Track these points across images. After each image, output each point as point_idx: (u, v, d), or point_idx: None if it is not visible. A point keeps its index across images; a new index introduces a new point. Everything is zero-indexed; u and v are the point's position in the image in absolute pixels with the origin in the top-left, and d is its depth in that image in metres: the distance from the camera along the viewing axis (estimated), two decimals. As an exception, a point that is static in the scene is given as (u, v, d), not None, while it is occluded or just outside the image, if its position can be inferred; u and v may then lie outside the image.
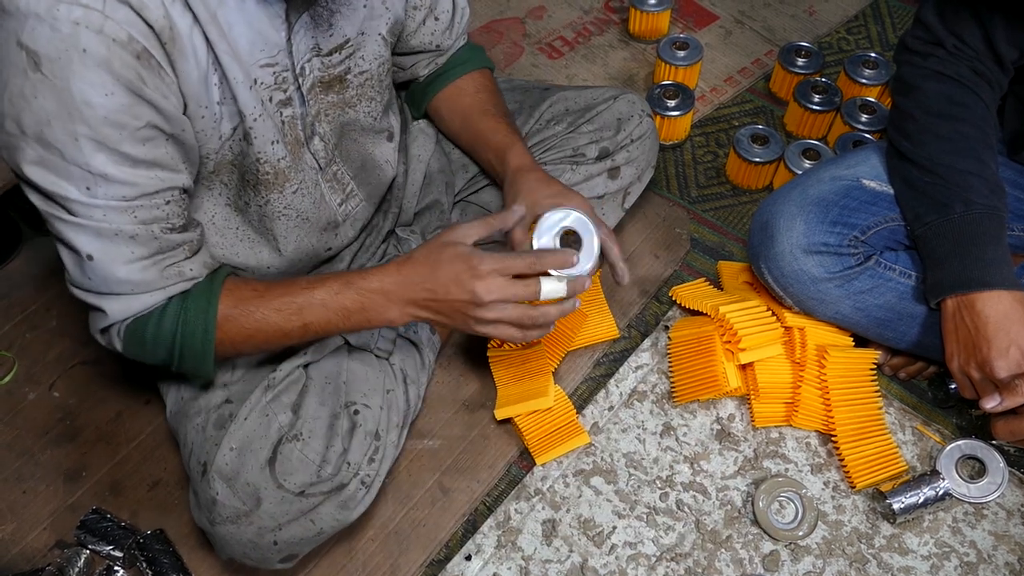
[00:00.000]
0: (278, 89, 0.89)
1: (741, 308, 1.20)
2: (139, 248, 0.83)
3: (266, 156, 0.92)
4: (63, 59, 0.72)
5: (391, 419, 1.05)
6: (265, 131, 0.90)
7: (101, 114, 0.75)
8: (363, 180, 1.09)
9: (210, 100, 0.84)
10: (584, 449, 1.19)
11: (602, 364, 1.30)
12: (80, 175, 0.77)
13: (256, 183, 0.94)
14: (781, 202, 1.14)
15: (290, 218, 1.01)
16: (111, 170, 0.77)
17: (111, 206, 0.79)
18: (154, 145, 0.80)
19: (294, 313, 0.92)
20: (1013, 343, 0.99)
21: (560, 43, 1.77)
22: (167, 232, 0.85)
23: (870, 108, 1.50)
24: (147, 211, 0.82)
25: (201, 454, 0.99)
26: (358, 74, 0.99)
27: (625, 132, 1.22)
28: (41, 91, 0.73)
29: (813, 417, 1.18)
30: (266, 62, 0.86)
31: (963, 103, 1.07)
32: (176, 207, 0.85)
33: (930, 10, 1.10)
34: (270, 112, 0.90)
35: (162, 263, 0.86)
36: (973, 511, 1.12)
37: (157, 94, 0.78)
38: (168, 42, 0.77)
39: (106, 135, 0.76)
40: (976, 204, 1.03)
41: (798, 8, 1.82)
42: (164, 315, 0.88)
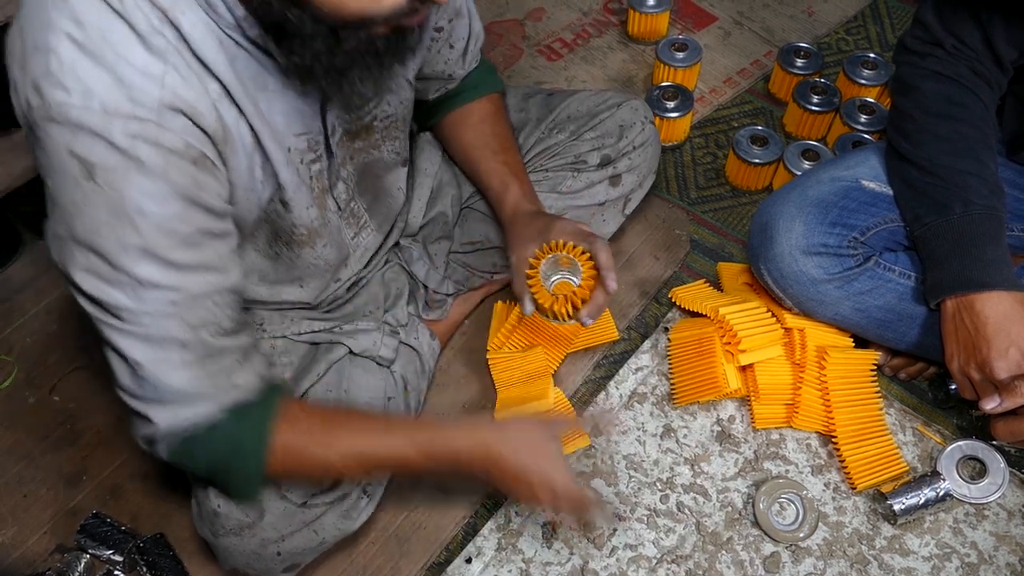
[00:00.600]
0: (310, 151, 0.89)
1: (741, 309, 1.20)
2: (188, 354, 0.79)
3: (301, 220, 0.92)
4: (119, 169, 0.70)
5: None
6: (301, 198, 0.90)
7: (154, 223, 0.73)
8: (376, 210, 1.09)
9: (254, 182, 0.84)
10: (584, 451, 1.19)
11: (602, 366, 1.30)
12: (128, 283, 0.74)
13: (289, 241, 0.94)
14: (780, 203, 1.14)
15: (319, 267, 1.01)
16: (159, 277, 0.75)
17: (160, 312, 0.76)
18: (202, 249, 0.78)
19: (354, 460, 0.90)
20: (1013, 344, 0.99)
21: (559, 45, 1.77)
22: (217, 336, 0.81)
23: (869, 109, 1.50)
24: (196, 315, 0.78)
25: None
26: (383, 119, 0.99)
27: (627, 139, 1.22)
28: (94, 200, 0.71)
29: (813, 418, 1.18)
30: (300, 132, 0.86)
31: (962, 103, 1.07)
32: (227, 310, 0.82)
33: (929, 10, 1.10)
34: (303, 176, 0.89)
35: (212, 370, 0.81)
36: (974, 512, 1.12)
37: (210, 195, 0.77)
38: (221, 142, 0.77)
39: (157, 243, 0.74)
40: (975, 204, 1.02)
41: (797, 9, 1.82)
42: (216, 431, 0.83)
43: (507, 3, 1.85)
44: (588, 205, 1.23)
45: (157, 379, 0.79)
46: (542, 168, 1.21)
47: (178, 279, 0.76)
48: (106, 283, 0.75)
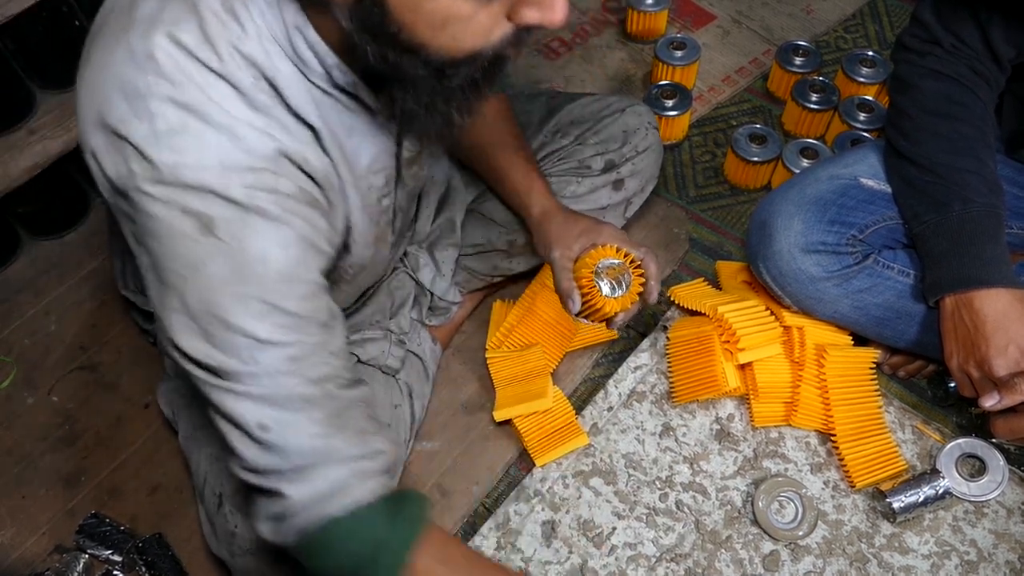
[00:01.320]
0: (385, 186, 0.90)
1: (739, 308, 1.20)
2: (316, 411, 0.73)
3: (356, 260, 0.92)
4: (240, 220, 0.69)
5: (399, 435, 1.05)
6: (365, 239, 0.90)
7: (275, 268, 0.71)
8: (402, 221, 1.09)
9: (338, 229, 0.84)
10: (583, 450, 1.19)
11: (601, 365, 1.30)
12: (245, 344, 0.71)
13: (337, 280, 0.93)
14: (779, 201, 1.13)
15: (349, 294, 1.02)
16: (278, 334, 0.71)
17: (279, 370, 0.72)
18: (316, 300, 0.75)
19: None
20: (1012, 341, 0.99)
21: (558, 44, 1.77)
22: (341, 388, 0.76)
23: (868, 107, 1.50)
24: (316, 370, 0.74)
25: (216, 485, 0.98)
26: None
27: (631, 144, 1.22)
28: (213, 254, 0.69)
29: (812, 417, 1.18)
30: (379, 169, 0.87)
31: (961, 102, 1.07)
32: (342, 360, 0.78)
33: (927, 9, 1.10)
34: (373, 216, 0.89)
35: (344, 427, 0.75)
36: (973, 510, 1.12)
37: (323, 239, 0.77)
38: (327, 187, 0.78)
39: (276, 292, 0.71)
40: (974, 202, 1.02)
41: (796, 7, 1.82)
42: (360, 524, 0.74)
43: (505, 2, 1.85)
44: (590, 209, 1.22)
45: (286, 441, 0.72)
46: (547, 173, 1.21)
47: (296, 334, 0.72)
48: (220, 348, 0.71)
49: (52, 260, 1.42)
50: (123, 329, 1.32)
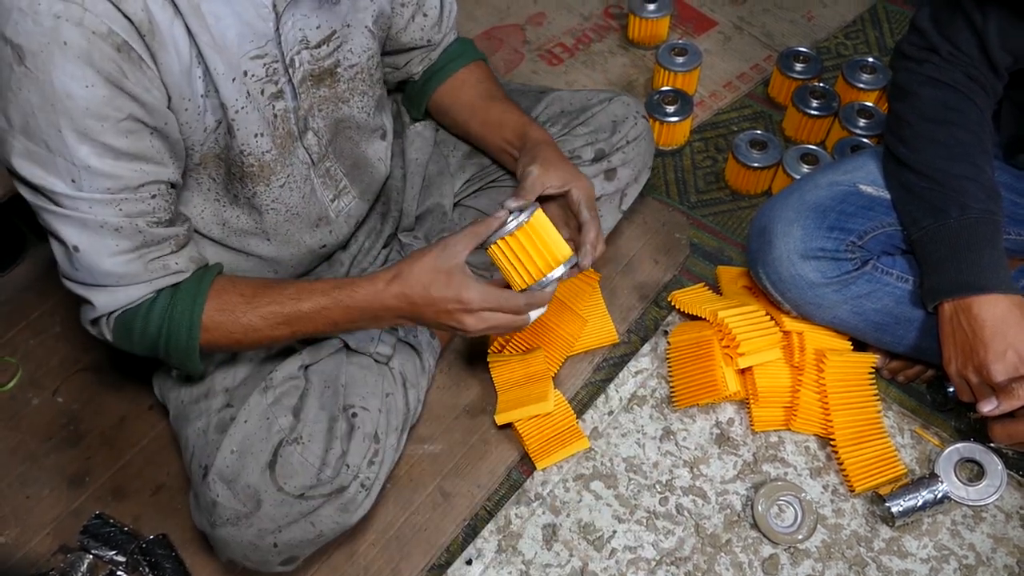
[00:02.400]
0: (269, 81, 0.90)
1: (739, 313, 1.21)
2: (124, 241, 0.84)
3: (250, 148, 0.93)
4: (45, 52, 0.74)
5: (390, 422, 1.06)
6: (248, 124, 0.91)
7: (82, 105, 0.76)
8: (356, 178, 1.11)
9: (193, 93, 0.85)
10: (584, 454, 1.20)
11: (602, 369, 1.31)
12: (65, 167, 0.79)
13: (242, 175, 0.96)
14: (779, 208, 1.14)
15: (279, 212, 1.02)
16: (94, 162, 0.79)
17: (96, 199, 0.81)
18: (137, 138, 0.81)
19: (281, 323, 0.94)
20: (1010, 347, 0.99)
21: (560, 49, 1.78)
22: (153, 226, 0.86)
23: (868, 113, 1.50)
24: (132, 204, 0.83)
25: (202, 457, 1.00)
26: (348, 67, 1.00)
27: (620, 134, 1.23)
28: (25, 84, 0.75)
29: (812, 421, 1.19)
30: (256, 53, 0.87)
31: (958, 109, 1.08)
32: (162, 201, 0.86)
33: (925, 17, 1.11)
34: (259, 105, 0.91)
35: (147, 256, 0.87)
36: (972, 514, 1.13)
37: (138, 87, 0.79)
38: (147, 35, 0.78)
39: (88, 127, 0.77)
40: (972, 209, 1.03)
41: (797, 13, 1.83)
42: (151, 310, 0.89)
43: (508, 8, 1.86)
44: None
45: (93, 264, 0.84)
46: None
47: (114, 166, 0.80)
48: (44, 168, 0.79)
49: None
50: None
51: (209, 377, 1.05)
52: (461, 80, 1.17)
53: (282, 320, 0.93)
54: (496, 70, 1.74)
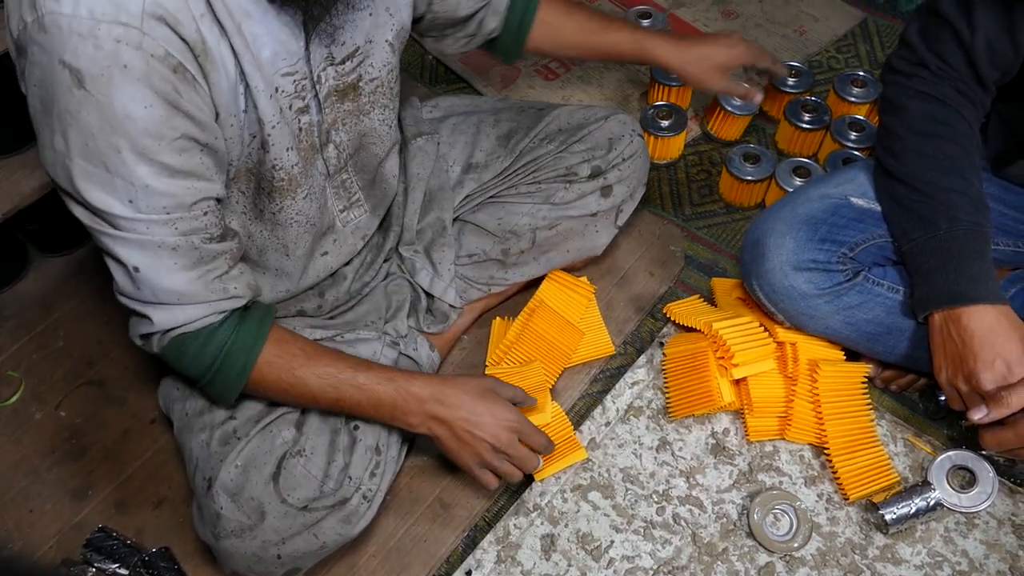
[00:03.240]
0: (297, 97, 0.93)
1: (734, 324, 1.22)
2: (181, 259, 0.87)
3: (281, 163, 0.95)
4: (105, 75, 0.76)
5: (392, 435, 1.07)
6: (281, 138, 0.93)
7: (142, 126, 0.78)
8: (371, 193, 1.13)
9: (237, 109, 0.88)
10: (582, 465, 1.21)
11: (599, 381, 1.32)
12: (123, 187, 0.81)
13: (271, 190, 0.98)
14: (771, 220, 1.16)
15: (300, 224, 1.04)
16: (152, 181, 0.81)
17: (153, 219, 0.83)
18: (190, 156, 0.84)
19: (331, 386, 0.97)
20: (998, 356, 1.01)
21: (556, 65, 1.80)
22: (207, 242, 0.88)
23: (859, 126, 1.53)
24: (187, 222, 0.86)
25: (206, 469, 1.01)
26: (369, 81, 1.02)
27: (616, 151, 1.25)
28: (85, 106, 0.77)
29: (806, 430, 1.20)
30: (287, 71, 0.90)
31: (947, 122, 1.10)
32: (213, 217, 0.89)
33: (914, 32, 1.13)
34: (288, 119, 0.93)
35: (207, 275, 0.89)
36: (965, 521, 1.14)
37: (192, 106, 0.81)
38: (201, 55, 0.81)
39: (146, 146, 0.79)
40: (961, 220, 1.05)
41: (789, 28, 1.86)
42: (211, 339, 0.92)
43: (504, 24, 1.88)
44: (581, 215, 1.26)
45: (155, 282, 0.87)
46: (535, 180, 1.24)
47: (169, 184, 0.82)
48: (103, 190, 0.81)
49: (60, 276, 1.44)
50: (129, 345, 1.32)
51: None
52: (548, 25, 1.23)
53: (333, 384, 0.97)
54: (493, 84, 1.76)
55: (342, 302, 1.18)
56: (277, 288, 1.11)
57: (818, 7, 1.90)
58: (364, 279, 1.20)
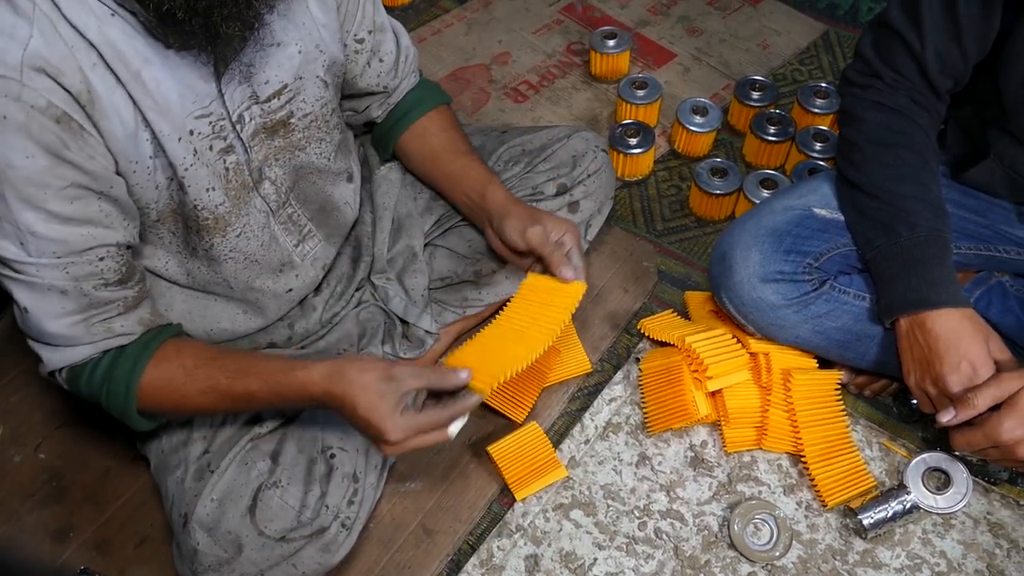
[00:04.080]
0: (216, 138, 0.93)
1: (707, 337, 1.24)
2: (68, 303, 0.87)
3: (202, 203, 0.95)
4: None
5: (369, 461, 1.08)
6: (198, 179, 0.93)
7: (24, 175, 0.79)
8: (321, 221, 1.13)
9: (141, 156, 0.88)
10: (563, 483, 1.22)
11: (577, 398, 1.33)
12: (13, 232, 0.82)
13: (198, 228, 0.98)
14: (737, 233, 1.18)
15: (237, 260, 1.04)
16: (40, 228, 0.82)
17: (43, 263, 0.84)
18: (84, 203, 0.84)
19: (217, 399, 0.95)
20: (963, 358, 1.03)
21: (525, 87, 1.83)
22: (100, 288, 0.88)
23: (823, 136, 1.56)
24: (79, 267, 0.86)
25: (181, 505, 1.01)
26: (302, 117, 1.02)
27: (581, 168, 1.27)
28: None
29: (782, 439, 1.22)
30: (199, 113, 0.90)
31: (903, 131, 1.12)
32: (111, 262, 0.89)
33: (867, 45, 1.16)
34: (208, 161, 0.93)
35: (92, 319, 0.89)
36: (942, 522, 1.16)
37: (81, 155, 0.82)
38: (88, 105, 0.81)
39: (30, 194, 0.80)
40: (921, 227, 1.07)
41: (752, 43, 1.89)
42: (95, 372, 0.93)
43: (473, 49, 1.91)
44: None
45: (39, 325, 0.88)
46: None
47: (59, 231, 0.83)
48: None
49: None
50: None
51: (188, 425, 1.07)
52: (424, 129, 1.21)
53: (218, 397, 0.95)
54: (464, 109, 1.78)
55: (312, 332, 1.18)
56: (250, 323, 1.11)
57: (780, 21, 1.93)
58: (335, 309, 1.20)
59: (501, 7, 2.00)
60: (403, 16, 1.99)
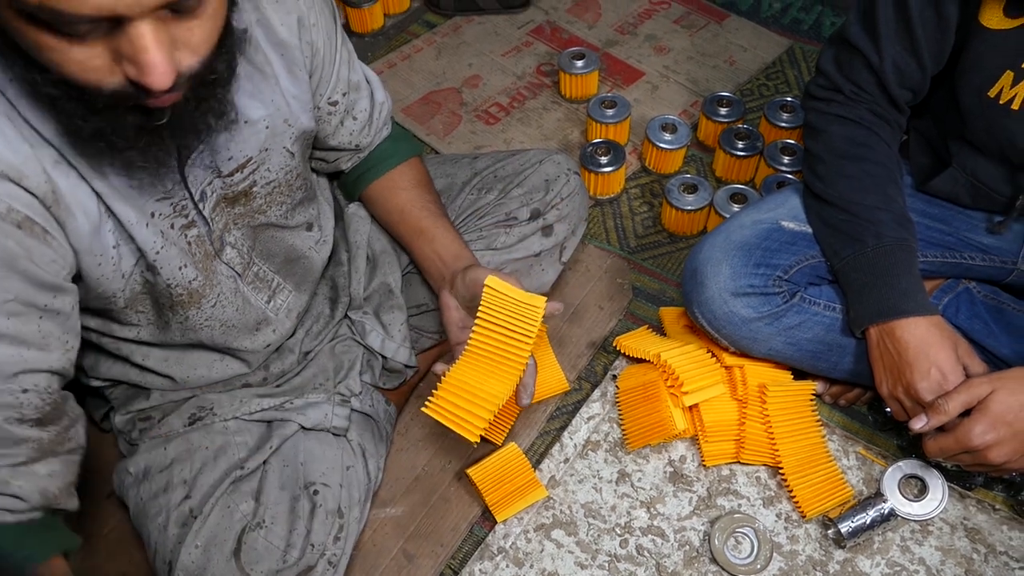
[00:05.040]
0: (178, 216, 0.90)
1: (682, 353, 1.25)
2: None
3: (176, 281, 0.93)
4: None
5: (352, 495, 1.07)
6: (170, 259, 0.90)
7: None
8: (288, 272, 1.11)
9: (105, 247, 0.84)
10: (543, 503, 1.22)
11: (556, 418, 1.34)
12: None
13: (172, 304, 0.95)
14: (707, 249, 1.19)
15: (213, 328, 1.02)
16: None
17: None
18: (22, 321, 0.76)
19: None
20: (933, 365, 1.04)
21: (496, 109, 1.84)
22: (12, 423, 0.77)
23: (790, 150, 1.58)
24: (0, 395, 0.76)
25: (165, 553, 1.00)
26: (264, 185, 1.00)
27: (554, 191, 1.28)
28: None
29: (760, 452, 1.22)
30: (161, 196, 0.87)
31: (866, 143, 1.14)
32: (35, 398, 0.78)
33: (828, 59, 1.18)
34: (173, 239, 0.90)
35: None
36: (919, 529, 1.16)
37: (39, 265, 0.76)
38: (53, 205, 0.77)
39: None
40: (886, 237, 1.09)
41: (719, 59, 1.92)
42: None
43: (444, 73, 1.92)
44: (524, 257, 1.28)
45: None
46: (476, 228, 1.26)
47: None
48: None
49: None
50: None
51: (167, 470, 1.06)
52: (392, 182, 1.19)
53: None
54: (436, 133, 1.79)
55: (289, 370, 1.18)
56: (227, 370, 1.11)
57: (746, 37, 1.96)
58: (308, 347, 1.19)
59: (470, 31, 2.02)
60: (373, 42, 2.00)
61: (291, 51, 0.96)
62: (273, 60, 0.94)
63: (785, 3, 2.03)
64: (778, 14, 2.01)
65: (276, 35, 0.94)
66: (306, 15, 0.97)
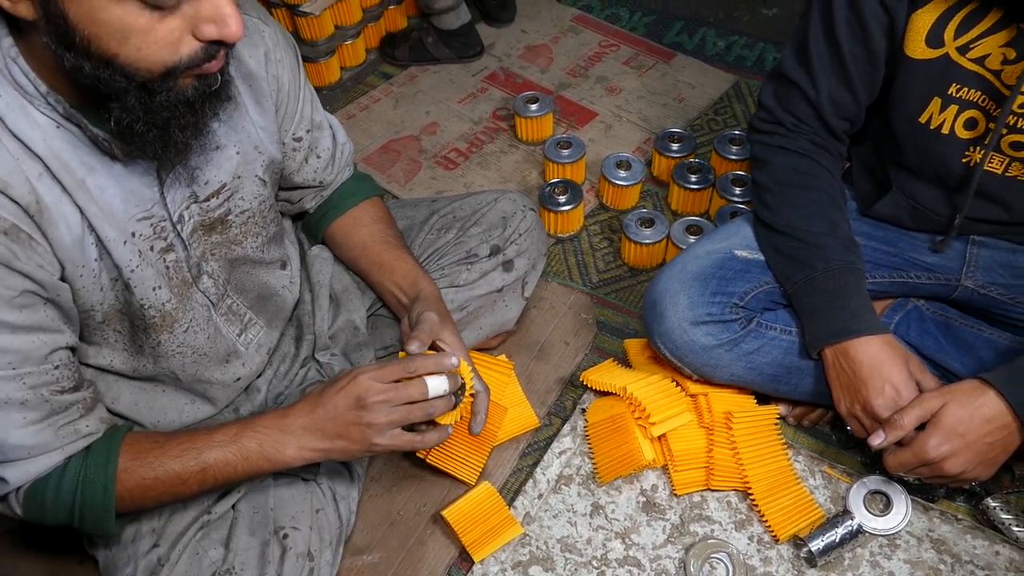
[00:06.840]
0: (158, 238, 0.94)
1: (647, 384, 1.27)
2: (31, 412, 0.86)
3: (149, 302, 0.96)
4: None
5: (323, 538, 1.07)
6: (144, 280, 0.94)
7: None
8: (261, 308, 1.14)
9: (87, 260, 0.88)
10: (519, 540, 1.23)
11: (528, 454, 1.35)
12: None
13: (145, 327, 0.98)
14: (665, 280, 1.23)
15: (185, 355, 1.04)
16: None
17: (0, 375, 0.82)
18: (33, 311, 0.84)
19: (192, 458, 0.95)
20: (887, 382, 1.08)
21: (455, 154, 1.88)
22: (58, 394, 0.88)
23: (741, 181, 1.63)
24: (36, 376, 0.85)
25: None
26: (239, 214, 1.04)
27: (512, 227, 1.31)
28: None
29: (729, 477, 1.25)
30: (141, 216, 0.91)
31: (808, 172, 1.19)
32: (65, 370, 0.88)
33: (769, 94, 1.24)
34: (151, 260, 0.94)
35: (56, 424, 0.88)
36: (887, 543, 1.19)
37: (30, 265, 0.82)
38: (36, 214, 0.82)
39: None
40: (834, 261, 1.13)
41: (668, 97, 1.98)
42: (64, 476, 0.90)
43: (402, 121, 1.96)
44: (487, 293, 1.30)
45: (3, 441, 0.85)
46: (438, 267, 1.29)
47: (12, 340, 0.82)
48: None
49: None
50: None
51: (135, 522, 1.05)
52: (354, 219, 1.23)
53: (193, 455, 0.95)
54: (396, 180, 1.82)
55: (258, 412, 1.18)
56: (198, 412, 1.11)
57: (693, 75, 2.03)
58: (278, 389, 1.21)
59: (426, 80, 2.07)
60: (332, 95, 2.04)
61: (259, 82, 1.02)
62: (242, 90, 1.01)
63: (729, 41, 2.11)
64: (723, 52, 2.09)
65: (245, 66, 1.00)
66: (272, 51, 1.04)
